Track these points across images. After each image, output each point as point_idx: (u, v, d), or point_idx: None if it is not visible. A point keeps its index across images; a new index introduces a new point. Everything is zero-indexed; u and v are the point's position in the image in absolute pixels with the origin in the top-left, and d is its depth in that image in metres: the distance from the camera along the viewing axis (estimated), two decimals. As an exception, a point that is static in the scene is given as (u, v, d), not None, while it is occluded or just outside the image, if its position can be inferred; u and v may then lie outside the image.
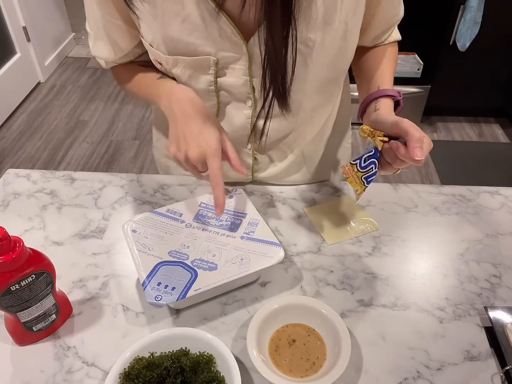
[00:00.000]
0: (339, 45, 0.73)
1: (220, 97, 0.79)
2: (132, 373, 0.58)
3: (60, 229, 0.84)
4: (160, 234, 0.74)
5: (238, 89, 0.77)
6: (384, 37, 0.86)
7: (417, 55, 2.44)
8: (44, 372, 0.63)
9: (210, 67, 0.73)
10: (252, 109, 0.80)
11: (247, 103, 0.79)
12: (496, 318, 0.67)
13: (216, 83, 0.76)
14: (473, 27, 2.34)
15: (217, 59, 0.72)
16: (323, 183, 0.95)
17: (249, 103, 0.79)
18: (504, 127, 2.77)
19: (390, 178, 2.41)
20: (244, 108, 0.80)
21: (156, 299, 0.63)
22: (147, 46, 0.76)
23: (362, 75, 0.87)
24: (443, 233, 0.84)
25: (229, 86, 0.77)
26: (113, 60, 0.82)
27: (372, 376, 0.63)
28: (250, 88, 0.76)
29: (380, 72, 0.84)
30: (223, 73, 0.75)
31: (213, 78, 0.75)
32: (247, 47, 0.71)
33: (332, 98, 0.89)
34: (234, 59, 0.73)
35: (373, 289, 0.74)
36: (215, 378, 0.58)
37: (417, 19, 2.30)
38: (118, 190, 0.92)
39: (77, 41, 3.68)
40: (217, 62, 0.73)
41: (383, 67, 0.84)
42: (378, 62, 0.85)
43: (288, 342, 0.65)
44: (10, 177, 0.96)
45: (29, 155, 2.57)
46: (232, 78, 0.75)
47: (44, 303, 0.64)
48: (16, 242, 0.57)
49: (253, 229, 0.75)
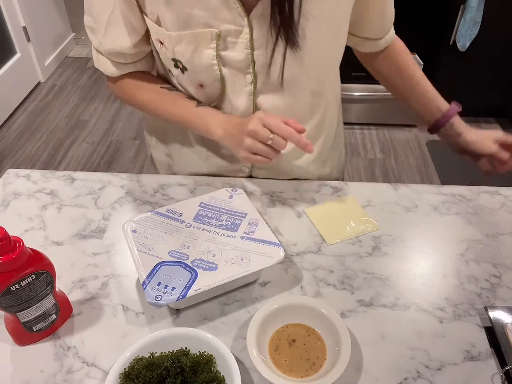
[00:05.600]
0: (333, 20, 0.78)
1: (223, 72, 0.79)
2: (132, 373, 0.58)
3: (60, 229, 0.84)
4: (160, 234, 0.74)
5: (240, 63, 0.78)
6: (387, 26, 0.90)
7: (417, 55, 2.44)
8: (44, 372, 0.63)
9: (212, 41, 0.75)
10: (252, 85, 0.81)
11: (247, 79, 0.80)
12: (496, 318, 0.67)
13: (219, 56, 0.77)
14: (473, 27, 2.34)
15: (219, 32, 0.74)
16: (323, 183, 0.95)
17: (249, 79, 0.80)
18: (504, 127, 2.77)
19: (390, 178, 2.41)
20: (245, 84, 0.81)
21: (156, 299, 0.63)
22: (151, 25, 0.77)
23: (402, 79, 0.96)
24: (443, 233, 0.84)
25: (230, 60, 0.78)
26: (128, 48, 0.80)
27: (372, 376, 0.63)
28: (251, 61, 0.78)
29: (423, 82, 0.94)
30: (225, 47, 0.76)
31: (215, 52, 0.76)
32: (249, 19, 0.73)
33: (326, 91, 0.90)
34: (236, 32, 0.74)
35: (373, 289, 0.74)
36: (215, 378, 0.58)
37: (417, 19, 2.30)
38: (118, 190, 0.92)
39: (77, 41, 3.67)
40: (219, 35, 0.74)
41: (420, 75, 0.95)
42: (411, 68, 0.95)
43: (288, 342, 0.65)
44: (10, 177, 0.96)
45: (29, 155, 2.56)
46: (234, 52, 0.77)
47: (44, 303, 0.64)
48: (16, 242, 0.57)
49: (253, 229, 0.75)
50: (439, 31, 2.38)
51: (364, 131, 2.75)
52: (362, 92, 2.60)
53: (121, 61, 0.84)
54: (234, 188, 0.84)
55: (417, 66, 0.95)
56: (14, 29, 2.87)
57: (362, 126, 2.77)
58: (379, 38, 0.90)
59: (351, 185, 0.94)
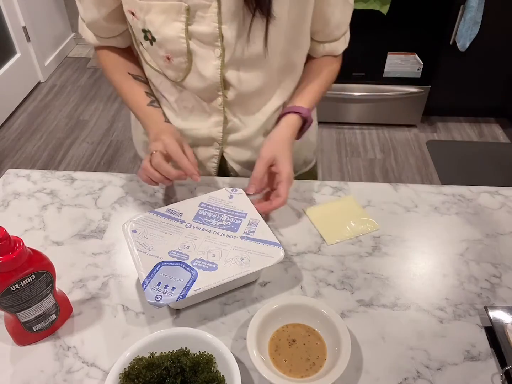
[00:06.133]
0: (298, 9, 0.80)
1: (191, 45, 0.80)
2: (132, 373, 0.58)
3: (60, 229, 0.84)
4: (160, 234, 0.74)
5: (208, 37, 0.79)
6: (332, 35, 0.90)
7: (417, 55, 2.44)
8: (44, 372, 0.63)
9: (182, 14, 0.76)
10: (220, 59, 0.82)
11: (215, 53, 0.81)
12: (496, 318, 0.67)
13: (187, 30, 0.78)
14: (473, 27, 2.34)
15: (188, 6, 0.75)
16: (323, 183, 0.95)
17: (217, 53, 0.81)
18: (504, 127, 2.77)
19: (390, 178, 2.41)
20: (213, 58, 0.82)
21: (156, 299, 0.63)
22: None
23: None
24: (443, 233, 0.84)
25: (199, 34, 0.79)
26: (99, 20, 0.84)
27: (372, 376, 0.63)
28: (219, 36, 0.79)
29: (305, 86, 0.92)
30: (194, 21, 0.78)
31: (184, 26, 0.77)
32: None
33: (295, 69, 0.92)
34: (204, 6, 0.76)
35: (373, 289, 0.74)
36: (215, 378, 0.58)
37: (417, 19, 2.30)
38: (118, 190, 0.92)
39: (77, 41, 3.67)
40: (188, 9, 0.75)
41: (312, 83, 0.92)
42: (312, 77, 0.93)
43: (288, 342, 0.65)
44: (10, 177, 0.96)
45: (29, 155, 2.56)
46: (202, 26, 0.78)
47: (44, 303, 0.64)
48: (16, 242, 0.57)
49: (253, 229, 0.75)
50: (439, 31, 2.38)
51: (364, 131, 2.75)
52: (362, 92, 2.60)
53: (99, 34, 0.89)
54: (234, 188, 0.84)
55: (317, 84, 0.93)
56: (14, 29, 2.87)
57: (362, 126, 2.77)
58: (320, 41, 0.91)
59: (351, 185, 0.94)
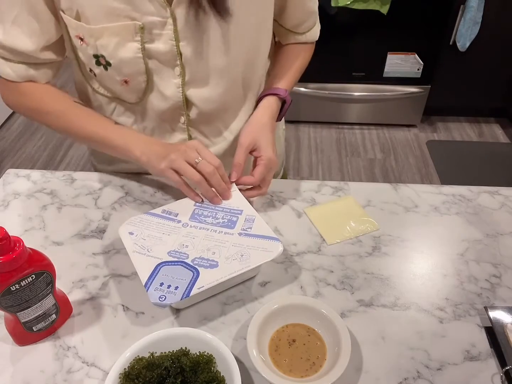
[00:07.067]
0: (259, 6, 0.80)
1: (149, 65, 0.79)
2: (132, 373, 0.58)
3: (60, 229, 0.84)
4: (157, 235, 0.74)
5: (166, 56, 0.78)
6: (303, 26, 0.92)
7: (417, 55, 2.44)
8: (44, 372, 0.63)
9: (136, 34, 0.74)
10: (181, 77, 0.81)
11: (175, 71, 0.80)
12: (496, 318, 0.67)
13: (144, 49, 0.76)
14: (473, 27, 2.34)
15: (142, 24, 0.73)
16: (323, 183, 0.95)
17: (177, 71, 0.80)
18: (504, 127, 2.77)
19: (390, 178, 2.41)
20: (173, 77, 0.81)
21: (160, 299, 0.63)
22: (69, 22, 0.75)
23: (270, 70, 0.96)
24: (443, 233, 0.84)
25: (156, 53, 0.77)
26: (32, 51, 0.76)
27: (372, 376, 0.63)
28: (178, 54, 0.78)
29: (280, 70, 0.93)
30: (150, 39, 0.76)
31: (139, 45, 0.76)
32: (171, 10, 0.73)
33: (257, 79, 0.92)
34: (160, 23, 0.74)
35: (373, 289, 0.74)
36: (215, 378, 0.58)
37: (417, 19, 2.30)
38: (118, 190, 0.92)
39: (77, 41, 3.68)
40: (143, 28, 0.74)
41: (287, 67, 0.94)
42: (286, 61, 0.94)
43: (288, 342, 0.65)
44: (10, 177, 0.96)
45: (29, 155, 2.57)
46: (159, 44, 0.76)
47: (44, 303, 0.64)
48: (16, 242, 0.57)
49: (250, 225, 0.75)
50: (439, 31, 2.38)
51: (364, 131, 2.75)
52: (362, 92, 2.60)
53: (22, 60, 0.78)
54: None
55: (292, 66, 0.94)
56: (14, 29, 2.87)
57: (362, 126, 2.77)
58: (301, 32, 0.93)
59: (351, 185, 0.94)
